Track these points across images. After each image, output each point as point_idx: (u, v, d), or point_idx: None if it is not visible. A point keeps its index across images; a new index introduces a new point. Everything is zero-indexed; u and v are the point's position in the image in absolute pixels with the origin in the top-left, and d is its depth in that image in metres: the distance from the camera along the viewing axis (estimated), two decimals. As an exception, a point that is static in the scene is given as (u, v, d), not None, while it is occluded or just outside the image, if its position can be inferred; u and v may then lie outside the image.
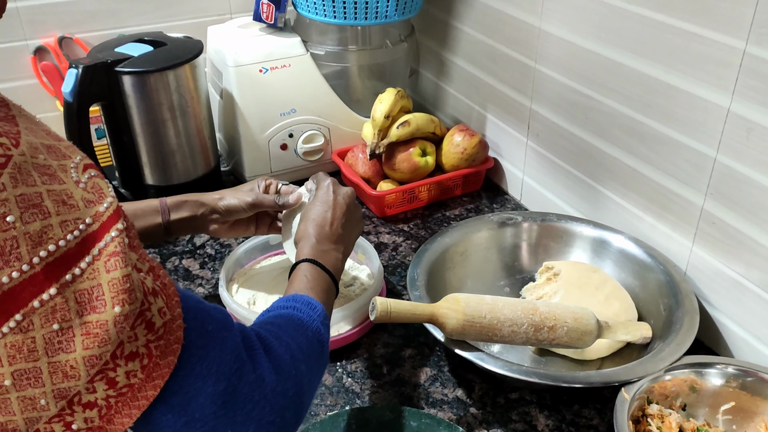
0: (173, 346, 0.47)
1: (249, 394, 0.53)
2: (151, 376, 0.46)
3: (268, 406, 0.55)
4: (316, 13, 1.20)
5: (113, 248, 0.43)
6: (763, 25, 0.73)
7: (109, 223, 0.44)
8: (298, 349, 0.62)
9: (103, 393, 0.44)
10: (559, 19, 1.02)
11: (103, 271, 0.43)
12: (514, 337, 0.81)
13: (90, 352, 0.42)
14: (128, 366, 0.44)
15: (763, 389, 0.75)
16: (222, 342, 0.52)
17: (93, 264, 0.42)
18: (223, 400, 0.51)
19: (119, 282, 0.43)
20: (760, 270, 0.81)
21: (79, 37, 1.28)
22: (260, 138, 1.23)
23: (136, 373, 0.45)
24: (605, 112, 0.98)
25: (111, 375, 0.44)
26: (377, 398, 0.85)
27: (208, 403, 0.50)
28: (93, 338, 0.42)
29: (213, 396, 0.50)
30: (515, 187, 1.25)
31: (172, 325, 0.47)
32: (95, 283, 0.42)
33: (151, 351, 0.46)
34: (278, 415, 0.56)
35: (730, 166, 0.81)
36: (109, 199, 0.45)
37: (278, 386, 0.56)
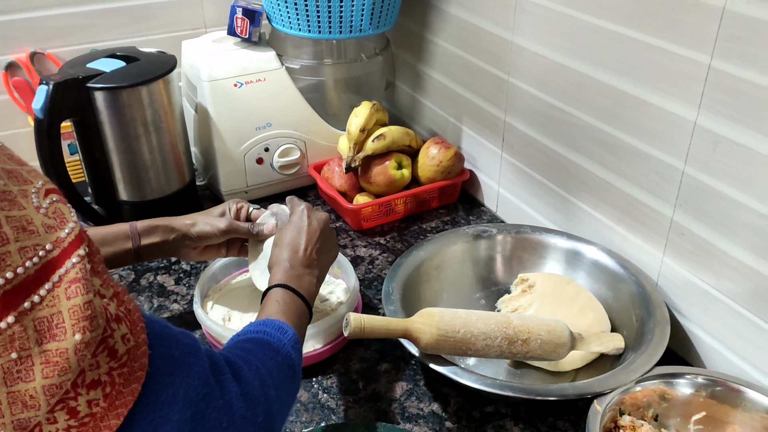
0: (137, 374, 0.46)
1: (217, 421, 0.52)
2: (114, 404, 0.45)
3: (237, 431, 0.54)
4: (290, 27, 1.20)
5: (74, 274, 0.42)
6: (727, 39, 0.74)
7: (71, 248, 0.43)
8: (268, 374, 0.61)
9: (65, 423, 0.43)
10: (530, 33, 1.04)
11: (63, 298, 0.42)
12: (488, 351, 0.81)
13: (50, 381, 0.41)
14: (90, 395, 0.44)
15: (733, 398, 0.76)
16: (189, 368, 0.51)
17: (53, 291, 0.42)
18: (191, 427, 0.50)
19: (80, 309, 0.42)
20: (730, 280, 0.82)
21: (51, 52, 1.27)
22: (236, 152, 1.22)
23: (98, 402, 0.44)
24: (577, 125, 0.99)
25: (72, 404, 0.43)
26: (353, 414, 0.84)
27: (175, 431, 0.49)
28: (53, 367, 0.41)
29: (180, 424, 0.50)
30: (491, 199, 1.26)
31: (136, 351, 0.46)
32: (55, 310, 0.42)
33: (114, 379, 0.45)
34: None
35: (698, 178, 0.82)
36: (71, 225, 0.44)
37: (247, 412, 0.56)
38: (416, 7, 1.32)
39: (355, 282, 0.96)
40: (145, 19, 1.33)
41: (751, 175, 0.76)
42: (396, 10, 1.26)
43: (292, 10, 1.17)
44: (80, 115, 1.06)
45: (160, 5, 1.33)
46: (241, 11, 1.21)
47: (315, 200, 1.30)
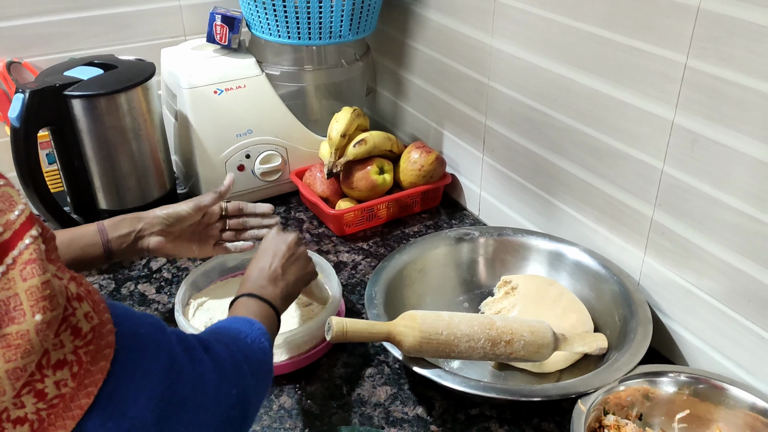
0: (104, 351, 0.46)
1: (190, 396, 0.52)
2: (83, 383, 0.44)
3: (212, 408, 0.54)
4: (270, 34, 1.20)
5: (28, 255, 0.42)
6: (702, 39, 0.75)
7: (22, 230, 0.42)
8: (239, 352, 0.61)
9: (33, 407, 0.42)
10: (509, 37, 1.04)
11: (19, 280, 0.41)
12: (472, 353, 0.81)
13: (13, 365, 0.41)
14: (57, 375, 0.43)
15: (715, 395, 0.76)
16: (156, 344, 0.51)
17: (7, 273, 0.41)
18: (164, 403, 0.50)
19: (38, 289, 0.41)
20: (710, 278, 0.82)
21: (29, 61, 1.25)
22: (216, 159, 1.22)
23: (66, 382, 0.43)
24: (557, 127, 1.00)
25: (39, 387, 0.42)
26: (337, 419, 0.84)
27: (149, 408, 0.49)
28: (15, 350, 0.41)
29: (152, 399, 0.49)
30: (473, 203, 1.26)
31: (101, 329, 0.46)
32: (11, 293, 0.41)
33: (80, 357, 0.44)
34: (223, 413, 0.55)
35: (677, 177, 0.83)
36: (21, 207, 0.43)
37: (221, 385, 0.55)
38: (396, 13, 1.32)
39: (337, 287, 0.95)
40: (124, 28, 1.32)
41: (729, 172, 0.76)
42: (375, 16, 1.26)
43: (271, 17, 1.17)
44: (58, 123, 1.04)
45: (138, 13, 1.32)
46: (220, 18, 1.20)
47: (297, 206, 1.29)
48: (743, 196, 0.75)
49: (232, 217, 0.98)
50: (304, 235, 1.21)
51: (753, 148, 0.73)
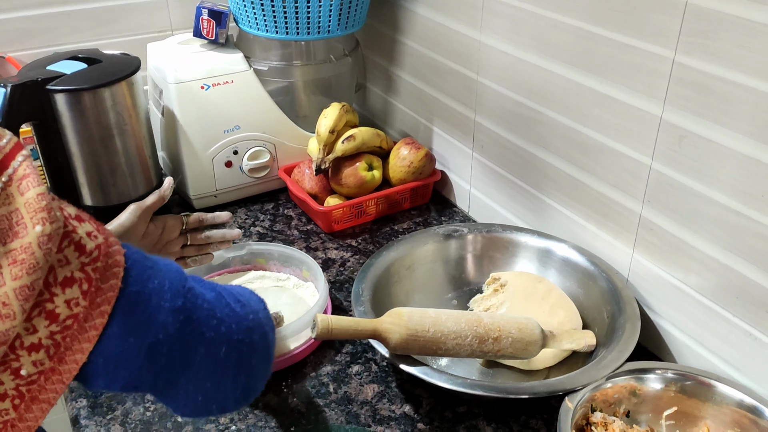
0: (114, 269, 0.46)
1: (210, 311, 0.52)
2: (96, 302, 0.44)
3: (233, 323, 0.54)
4: (257, 29, 1.19)
5: (23, 171, 0.43)
6: (690, 34, 0.75)
7: (13, 153, 0.43)
8: (245, 292, 0.61)
9: (46, 331, 0.42)
10: (498, 32, 1.03)
11: (17, 195, 0.42)
12: (459, 350, 0.80)
13: (20, 282, 0.41)
14: (66, 293, 0.43)
15: (703, 392, 0.76)
16: (168, 265, 0.51)
17: (6, 190, 0.42)
18: (185, 316, 0.50)
19: (35, 200, 0.42)
20: (698, 275, 0.82)
21: (12, 56, 1.24)
22: (204, 155, 1.20)
23: (77, 301, 0.43)
24: (546, 123, 0.99)
25: (49, 307, 0.42)
26: (324, 418, 0.83)
27: (170, 321, 0.49)
28: (20, 265, 0.41)
29: (173, 312, 0.49)
30: (463, 200, 1.26)
31: (107, 248, 0.46)
32: (12, 208, 0.42)
33: (89, 275, 0.44)
34: (246, 335, 0.55)
35: (665, 173, 0.83)
36: (8, 136, 0.44)
37: (237, 308, 0.56)
38: (385, 8, 1.31)
39: (324, 284, 0.95)
40: (109, 22, 1.30)
41: (717, 168, 0.76)
42: (364, 11, 1.25)
43: (258, 11, 1.16)
44: (40, 118, 1.03)
45: (124, 7, 1.30)
46: (207, 12, 1.19)
47: (285, 203, 1.28)
48: (730, 192, 0.75)
49: (193, 231, 0.94)
50: (292, 232, 1.20)
51: (740, 144, 0.73)
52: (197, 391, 0.53)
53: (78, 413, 0.83)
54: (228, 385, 0.55)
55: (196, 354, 0.51)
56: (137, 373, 0.49)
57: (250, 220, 1.23)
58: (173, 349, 0.50)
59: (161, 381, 0.51)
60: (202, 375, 0.52)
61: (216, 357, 0.53)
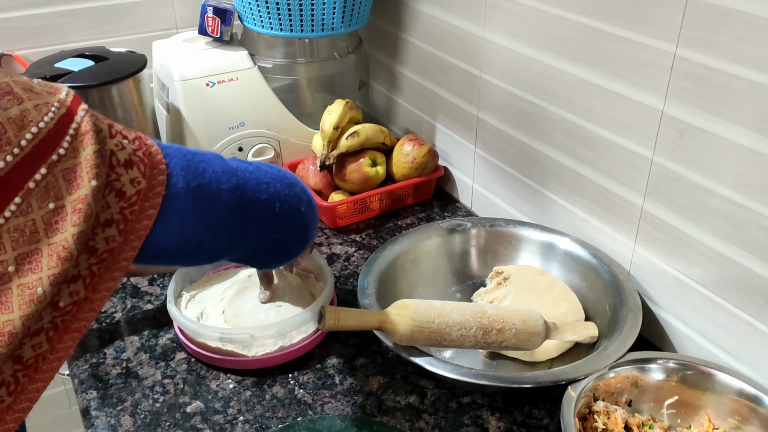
0: (149, 212, 0.51)
1: (256, 179, 0.64)
2: (129, 238, 0.49)
3: (278, 184, 0.67)
4: (262, 26, 1.20)
5: (85, 126, 0.46)
6: (691, 28, 0.76)
7: (74, 105, 0.47)
8: (272, 167, 0.71)
9: (86, 263, 0.46)
10: (501, 28, 1.04)
11: (80, 149, 0.46)
12: (464, 341, 0.81)
13: (78, 229, 0.44)
14: (106, 232, 0.47)
15: (703, 382, 0.77)
16: (212, 154, 0.61)
17: (73, 143, 0.46)
18: (240, 192, 0.61)
19: (92, 157, 0.46)
20: (699, 267, 0.83)
21: (20, 54, 1.25)
22: (209, 152, 1.21)
23: (114, 238, 0.48)
24: (548, 118, 1.00)
25: (91, 244, 0.47)
26: (330, 408, 0.84)
27: (230, 198, 0.60)
28: (79, 214, 0.45)
29: (231, 191, 0.60)
30: (466, 195, 1.27)
31: (148, 192, 0.51)
32: (78, 161, 0.45)
33: (125, 216, 0.49)
34: (290, 190, 0.68)
35: (666, 166, 0.84)
36: (66, 89, 0.48)
37: (274, 172, 0.69)
38: (388, 6, 1.32)
39: (330, 278, 0.96)
40: (115, 20, 1.32)
41: (718, 161, 0.77)
42: (368, 8, 1.26)
43: (263, 9, 1.17)
44: (49, 114, 1.04)
45: (129, 5, 1.32)
46: (212, 10, 1.20)
47: (290, 199, 1.29)
48: (732, 184, 0.76)
49: None
50: (296, 227, 1.21)
51: (741, 137, 0.74)
52: (264, 243, 0.68)
53: (88, 404, 0.84)
54: (289, 231, 0.69)
55: (255, 215, 0.64)
56: (210, 243, 0.60)
57: (255, 216, 1.24)
58: (236, 219, 0.61)
59: (230, 240, 0.63)
60: (265, 229, 0.66)
61: (272, 212, 0.66)
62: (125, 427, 0.81)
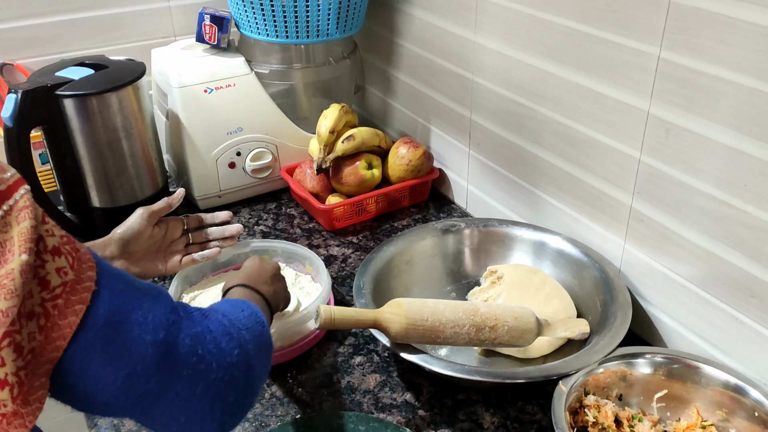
0: (75, 307, 0.48)
1: (191, 347, 0.53)
2: (51, 337, 0.47)
3: (214, 361, 0.54)
4: (258, 33, 1.22)
5: (23, 203, 0.46)
6: (674, 31, 0.78)
7: (16, 185, 0.47)
8: (237, 321, 0.62)
9: (12, 366, 0.44)
10: (492, 33, 1.07)
11: (14, 224, 0.45)
12: (457, 338, 0.83)
13: (4, 305, 0.44)
14: (28, 326, 0.46)
15: (691, 375, 0.79)
16: (155, 297, 0.54)
17: (5, 218, 0.45)
18: (165, 350, 0.51)
19: (27, 231, 0.45)
20: (687, 263, 0.85)
21: (21, 63, 1.27)
22: (208, 157, 1.24)
23: (35, 335, 0.46)
24: (539, 120, 1.02)
25: (17, 339, 0.45)
26: (328, 406, 0.86)
27: (149, 353, 0.50)
28: (2, 290, 0.44)
29: (154, 345, 0.51)
30: (461, 196, 1.29)
31: (75, 285, 0.48)
32: (8, 236, 0.45)
33: (47, 310, 0.47)
34: (226, 372, 0.55)
35: (653, 165, 0.86)
36: (12, 171, 0.48)
37: (222, 343, 0.56)
38: (382, 12, 1.35)
39: (327, 279, 0.98)
40: (114, 29, 1.34)
41: (702, 160, 0.79)
42: (362, 14, 1.28)
43: (259, 16, 1.19)
44: (50, 122, 1.06)
45: (128, 14, 1.34)
46: (209, 18, 1.23)
47: (288, 202, 1.31)
48: (715, 182, 0.78)
49: (196, 230, 0.99)
50: (294, 230, 1.23)
51: (723, 136, 0.76)
52: (172, 422, 0.54)
53: (91, 405, 0.86)
54: (204, 419, 0.55)
55: (172, 389, 0.52)
56: (114, 399, 0.51)
57: (253, 220, 1.26)
58: (150, 381, 0.51)
59: (137, 409, 0.52)
60: (177, 408, 0.53)
61: (192, 393, 0.53)
62: (128, 427, 0.83)
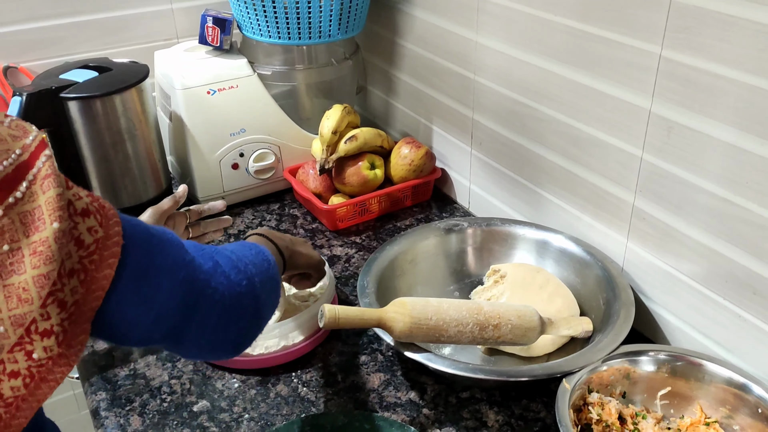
0: (109, 261, 0.51)
1: (205, 281, 0.60)
2: (91, 288, 0.50)
3: (225, 291, 0.62)
4: (261, 35, 1.23)
5: (45, 171, 0.47)
6: (675, 30, 0.78)
7: (38, 151, 0.48)
8: (244, 257, 0.67)
9: (57, 318, 0.47)
10: (493, 32, 1.07)
11: (40, 193, 0.46)
12: (461, 337, 0.83)
13: (38, 271, 0.45)
14: (71, 283, 0.48)
15: (694, 372, 0.79)
16: (170, 238, 0.59)
17: (31, 188, 0.46)
18: (186, 288, 0.58)
19: (54, 200, 0.47)
20: (689, 261, 0.85)
21: (25, 66, 1.28)
22: (211, 158, 1.24)
23: (77, 289, 0.49)
24: (541, 119, 1.03)
25: (60, 296, 0.47)
26: (332, 405, 0.86)
27: (174, 293, 0.56)
28: (39, 256, 0.45)
29: (176, 284, 0.57)
30: (463, 196, 1.29)
31: (106, 242, 0.51)
32: (36, 204, 0.46)
33: (85, 266, 0.49)
34: (236, 301, 0.63)
35: (655, 163, 0.86)
36: (34, 133, 0.49)
37: (231, 275, 0.63)
38: (383, 12, 1.35)
39: (331, 278, 0.98)
40: (118, 31, 1.34)
41: (704, 158, 0.79)
42: (364, 15, 1.29)
43: (261, 18, 1.20)
44: (54, 125, 1.07)
45: (131, 17, 1.35)
46: (212, 20, 1.23)
47: (291, 203, 1.32)
48: (717, 179, 0.78)
49: (194, 223, 1.00)
50: (298, 230, 1.23)
51: (725, 133, 0.76)
52: (193, 346, 0.62)
53: (98, 405, 0.87)
54: (220, 342, 0.64)
55: (193, 320, 0.59)
56: (148, 335, 0.57)
57: (257, 221, 1.27)
58: (176, 316, 0.58)
59: (167, 339, 0.59)
60: (198, 334, 0.61)
61: (209, 320, 0.61)
62: (134, 426, 0.84)
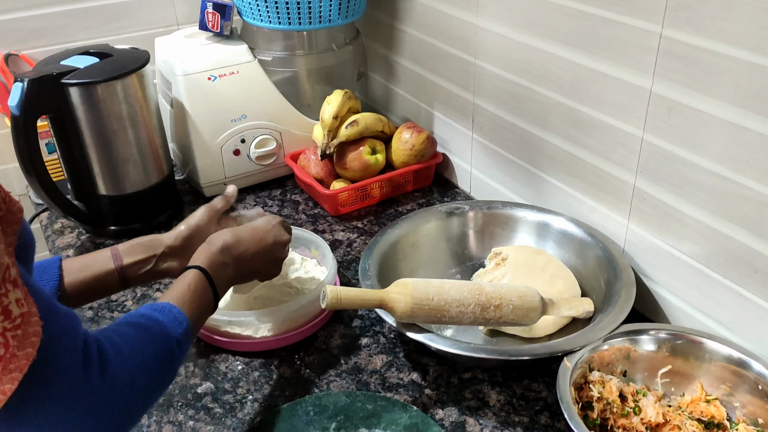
0: (32, 339, 0.47)
1: (73, 403, 0.52)
2: (8, 368, 0.45)
3: (89, 417, 0.54)
4: (261, 20, 1.23)
5: None
6: (675, 8, 0.78)
7: None
8: (143, 364, 0.60)
9: None
10: (493, 15, 1.07)
11: None
12: (462, 318, 0.84)
13: None
14: None
15: (694, 351, 0.79)
16: (66, 345, 0.52)
17: None
18: (60, 407, 0.51)
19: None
20: (690, 241, 0.86)
21: (26, 53, 1.28)
22: (212, 144, 1.24)
23: None
24: (542, 102, 1.03)
25: None
26: (335, 386, 0.87)
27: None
28: None
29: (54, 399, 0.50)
30: (464, 180, 1.29)
31: (30, 318, 0.47)
32: None
33: (8, 341, 0.45)
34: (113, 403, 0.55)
35: (656, 144, 0.86)
36: None
37: (105, 402, 0.55)
38: (384, -3, 1.35)
39: (332, 262, 0.99)
40: (118, 18, 1.35)
41: (704, 137, 0.79)
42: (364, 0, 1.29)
43: (261, 3, 1.20)
44: (56, 111, 1.07)
45: (132, 4, 1.35)
46: (212, 6, 1.23)
47: (293, 189, 1.32)
48: (718, 158, 0.78)
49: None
50: (300, 216, 1.24)
51: (725, 112, 0.76)
52: None
53: (102, 387, 0.87)
54: None
55: None
56: None
57: (258, 207, 1.27)
58: None
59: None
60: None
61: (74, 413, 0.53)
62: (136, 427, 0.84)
